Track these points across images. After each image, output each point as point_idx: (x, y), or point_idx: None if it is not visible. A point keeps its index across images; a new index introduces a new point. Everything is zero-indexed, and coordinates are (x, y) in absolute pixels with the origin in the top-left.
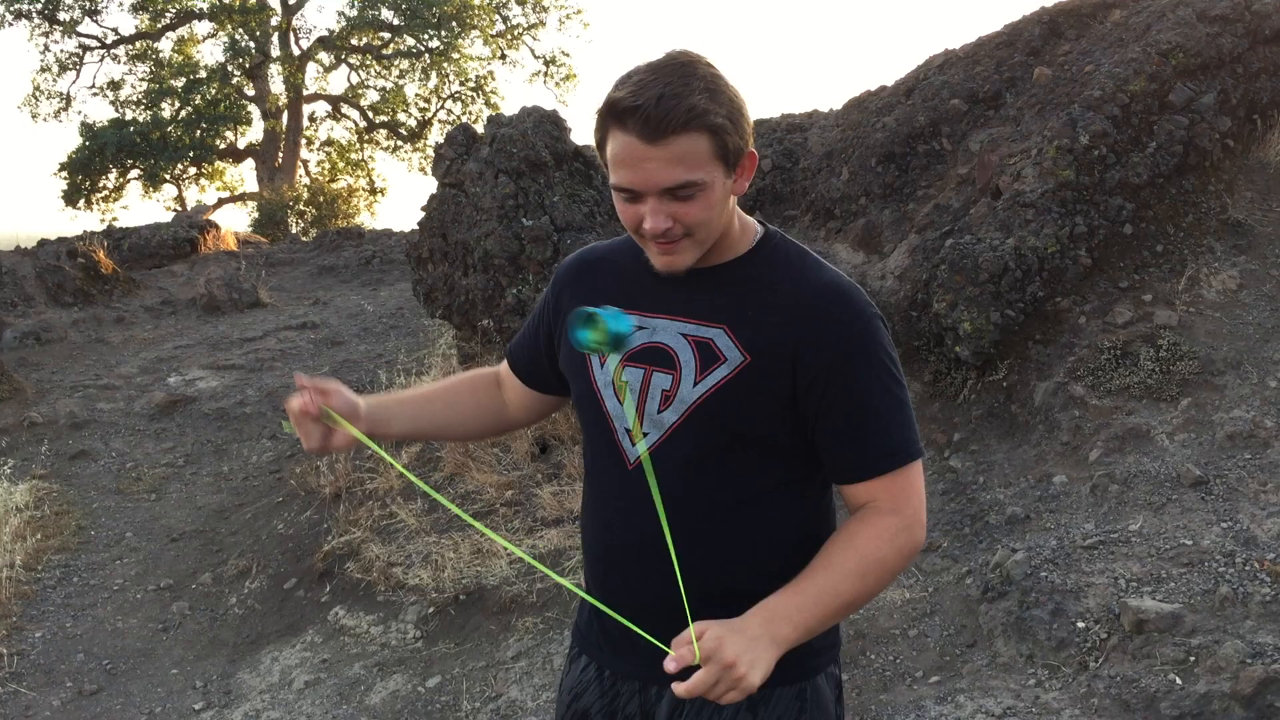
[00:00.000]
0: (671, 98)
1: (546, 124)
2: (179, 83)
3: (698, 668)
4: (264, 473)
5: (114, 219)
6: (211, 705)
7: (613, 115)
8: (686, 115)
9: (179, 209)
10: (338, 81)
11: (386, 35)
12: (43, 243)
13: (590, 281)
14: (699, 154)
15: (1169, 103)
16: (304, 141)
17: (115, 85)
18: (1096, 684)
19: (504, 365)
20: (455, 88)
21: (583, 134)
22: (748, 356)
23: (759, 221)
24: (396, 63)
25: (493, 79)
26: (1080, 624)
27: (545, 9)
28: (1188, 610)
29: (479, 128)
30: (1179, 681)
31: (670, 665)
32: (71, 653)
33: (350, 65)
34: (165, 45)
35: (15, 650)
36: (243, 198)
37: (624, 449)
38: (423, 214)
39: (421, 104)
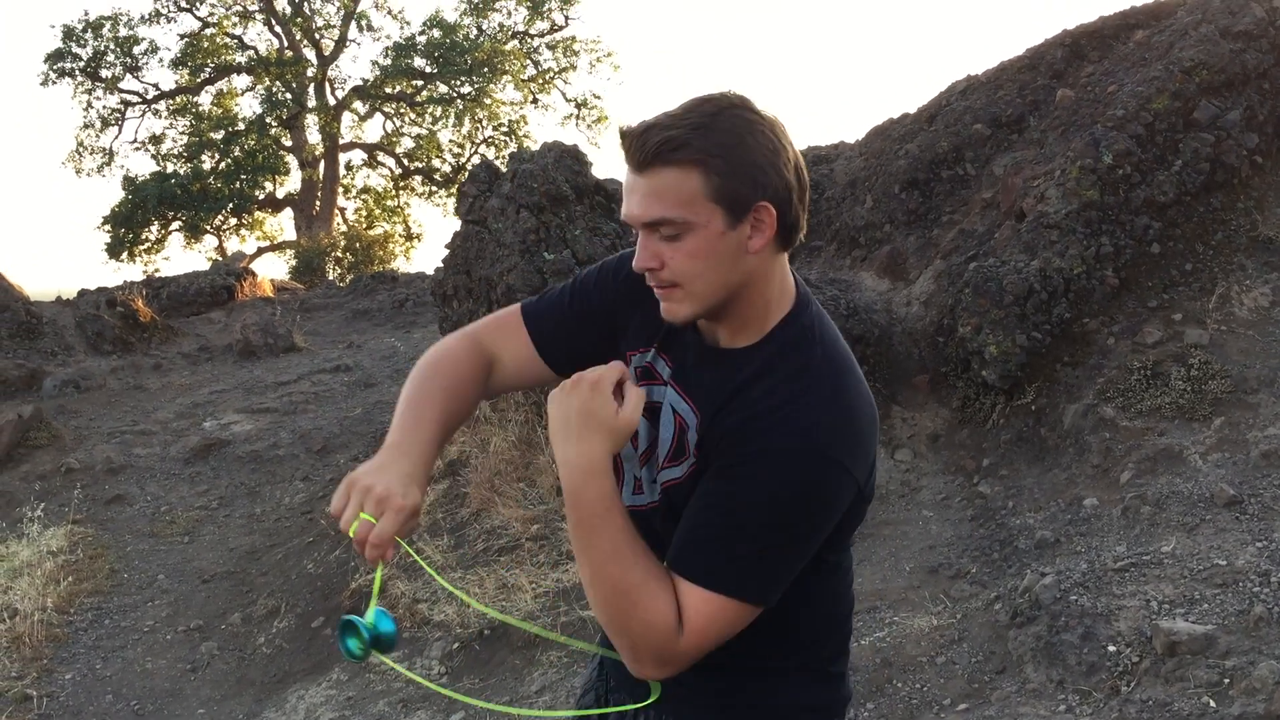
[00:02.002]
0: (658, 128)
1: (567, 159)
2: (218, 135)
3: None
4: (296, 514)
5: (156, 270)
6: None
7: (620, 143)
8: (660, 145)
9: (220, 259)
10: (373, 130)
11: (420, 83)
12: (82, 293)
13: (651, 311)
14: (684, 191)
15: (1194, 120)
16: (341, 189)
17: (156, 139)
18: (1128, 708)
19: (492, 326)
20: (489, 132)
21: (605, 169)
22: (694, 460)
23: (799, 290)
24: (430, 109)
25: (525, 123)
26: (1111, 647)
27: (576, 53)
28: (1221, 631)
29: (502, 165)
30: (1213, 704)
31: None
32: (100, 694)
33: (385, 113)
34: (205, 99)
35: (45, 692)
36: (281, 246)
37: (622, 490)
38: (447, 251)
39: (455, 149)
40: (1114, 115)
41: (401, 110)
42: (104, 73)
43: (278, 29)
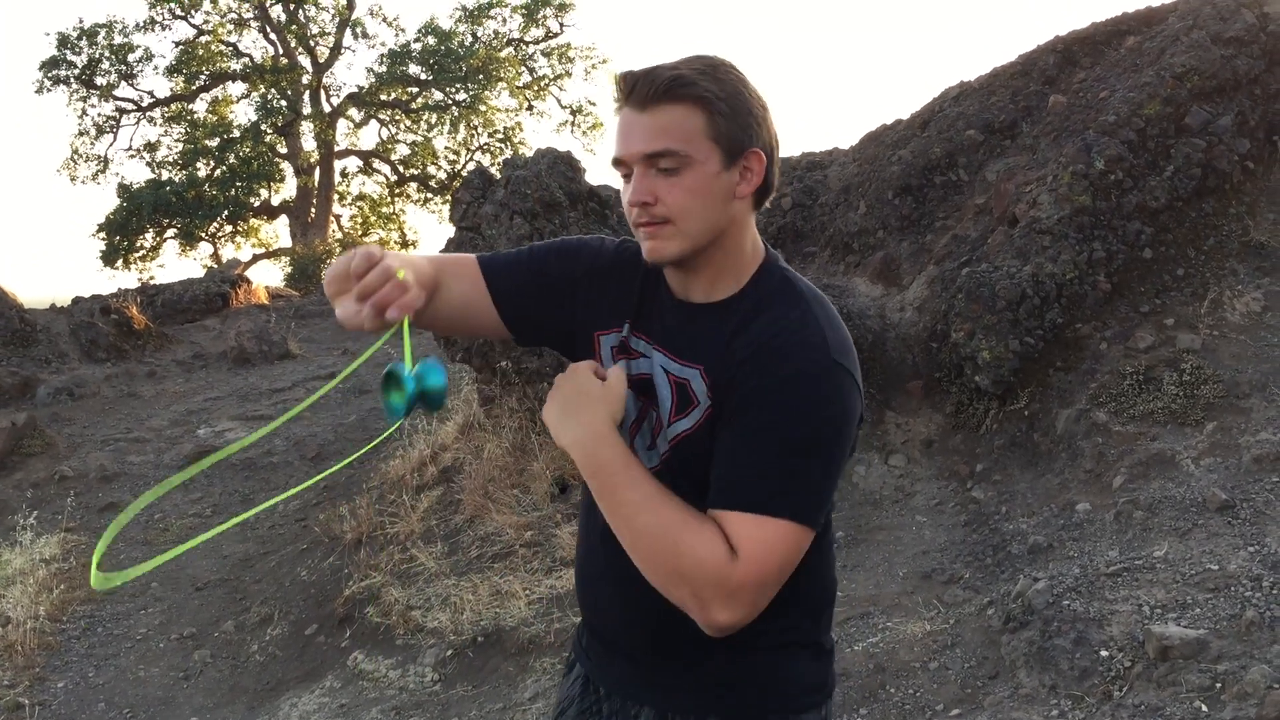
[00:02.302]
0: (665, 69)
1: (561, 165)
2: (213, 142)
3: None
4: (290, 521)
5: (150, 278)
6: None
7: (617, 90)
8: (671, 82)
9: (215, 266)
10: (368, 137)
11: (415, 90)
12: (77, 300)
13: (618, 292)
14: (687, 127)
15: (1185, 126)
16: (336, 197)
17: (151, 147)
18: (1121, 713)
19: (448, 262)
20: (484, 139)
21: (599, 175)
22: (711, 403)
23: (767, 249)
24: (425, 116)
25: (520, 129)
26: (1104, 652)
27: (571, 60)
28: (1213, 636)
29: (496, 172)
30: (1205, 708)
31: None
32: (93, 702)
33: (380, 120)
34: (200, 106)
35: (37, 700)
36: (276, 253)
37: None
38: None
39: (451, 156)
40: (1106, 121)
41: (397, 117)
42: (99, 80)
43: (273, 36)
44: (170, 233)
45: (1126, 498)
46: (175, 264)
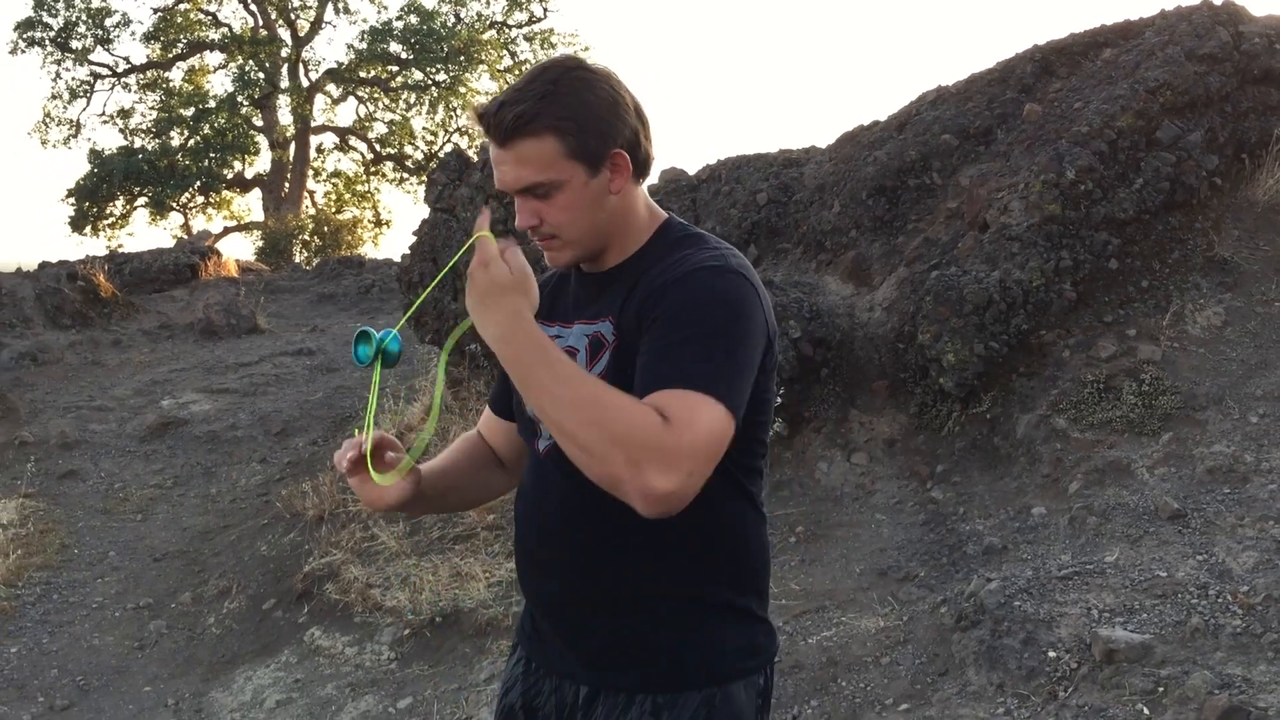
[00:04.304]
0: (509, 104)
1: None
2: (188, 112)
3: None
4: (251, 495)
5: (119, 246)
6: None
7: (479, 123)
8: (515, 121)
9: (185, 237)
10: (346, 113)
11: (395, 68)
12: (43, 265)
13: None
14: (546, 155)
15: (1156, 140)
16: (311, 172)
17: (125, 113)
18: (1065, 713)
19: (482, 417)
20: (462, 121)
21: None
22: (616, 338)
23: (667, 212)
24: (404, 95)
25: None
26: (1051, 653)
27: (554, 45)
28: (1158, 641)
29: (473, 155)
30: (1146, 711)
31: None
32: (46, 668)
33: (358, 98)
34: (176, 75)
35: None
36: (248, 227)
37: (539, 436)
38: (414, 239)
39: (428, 137)
40: (1079, 131)
41: (375, 95)
42: (74, 44)
43: (253, 7)
44: (141, 201)
45: (1081, 503)
46: (145, 233)
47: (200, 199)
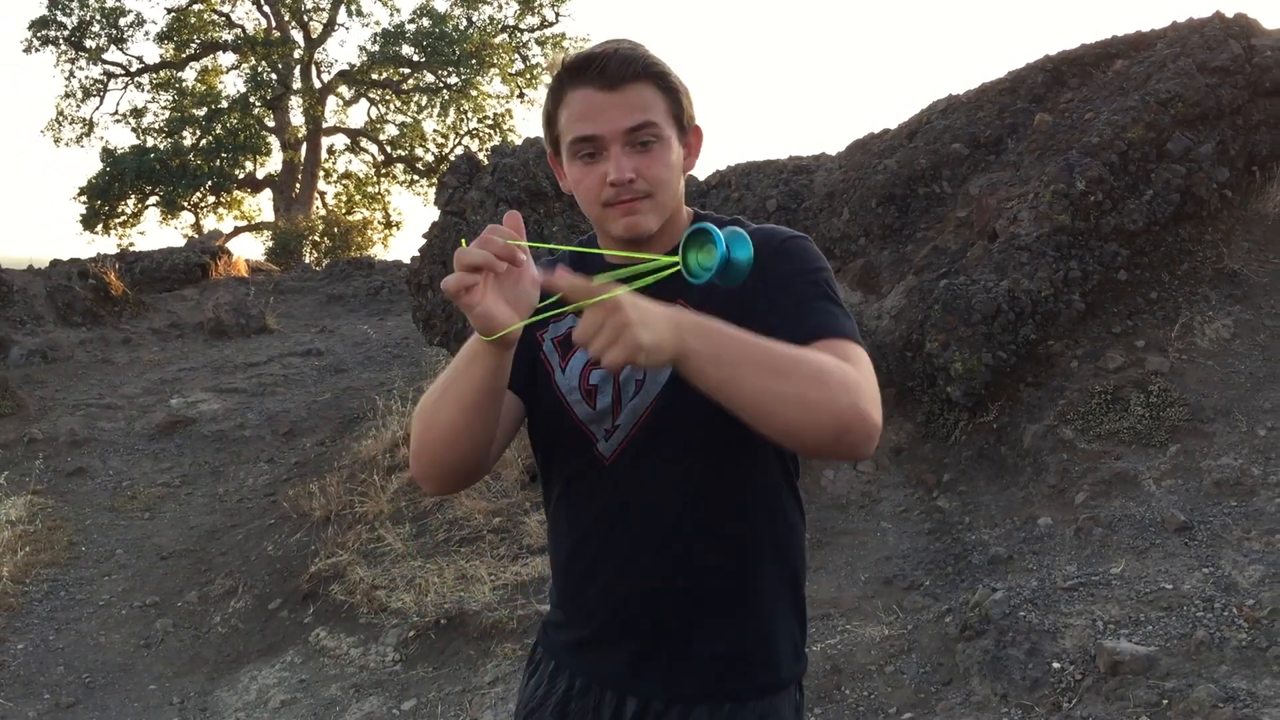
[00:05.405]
0: (628, 51)
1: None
2: (201, 112)
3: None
4: (259, 495)
5: (130, 244)
6: None
7: (569, 74)
8: (644, 64)
9: (196, 236)
10: (357, 115)
11: (407, 71)
12: (55, 263)
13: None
14: (658, 104)
15: (1167, 151)
16: (322, 173)
17: (138, 112)
18: None
19: None
20: (473, 124)
21: None
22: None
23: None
24: (416, 98)
25: (510, 117)
26: (1056, 664)
27: (565, 50)
28: (1163, 654)
29: (484, 158)
30: None
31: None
32: (52, 665)
33: (370, 100)
34: (189, 75)
35: None
36: (259, 227)
37: (598, 448)
38: (425, 241)
39: (439, 139)
40: (1089, 142)
41: (387, 97)
42: (88, 43)
43: (266, 9)
44: (152, 200)
45: (1088, 514)
46: (156, 232)
47: (211, 199)
